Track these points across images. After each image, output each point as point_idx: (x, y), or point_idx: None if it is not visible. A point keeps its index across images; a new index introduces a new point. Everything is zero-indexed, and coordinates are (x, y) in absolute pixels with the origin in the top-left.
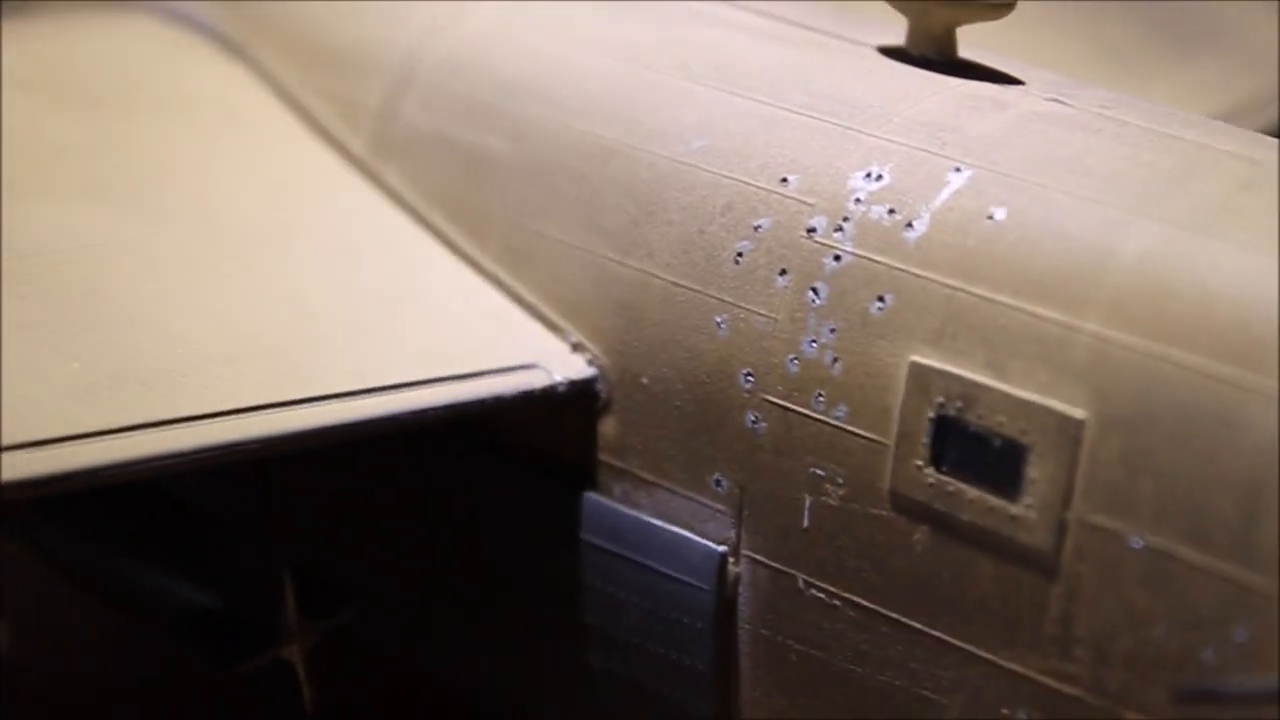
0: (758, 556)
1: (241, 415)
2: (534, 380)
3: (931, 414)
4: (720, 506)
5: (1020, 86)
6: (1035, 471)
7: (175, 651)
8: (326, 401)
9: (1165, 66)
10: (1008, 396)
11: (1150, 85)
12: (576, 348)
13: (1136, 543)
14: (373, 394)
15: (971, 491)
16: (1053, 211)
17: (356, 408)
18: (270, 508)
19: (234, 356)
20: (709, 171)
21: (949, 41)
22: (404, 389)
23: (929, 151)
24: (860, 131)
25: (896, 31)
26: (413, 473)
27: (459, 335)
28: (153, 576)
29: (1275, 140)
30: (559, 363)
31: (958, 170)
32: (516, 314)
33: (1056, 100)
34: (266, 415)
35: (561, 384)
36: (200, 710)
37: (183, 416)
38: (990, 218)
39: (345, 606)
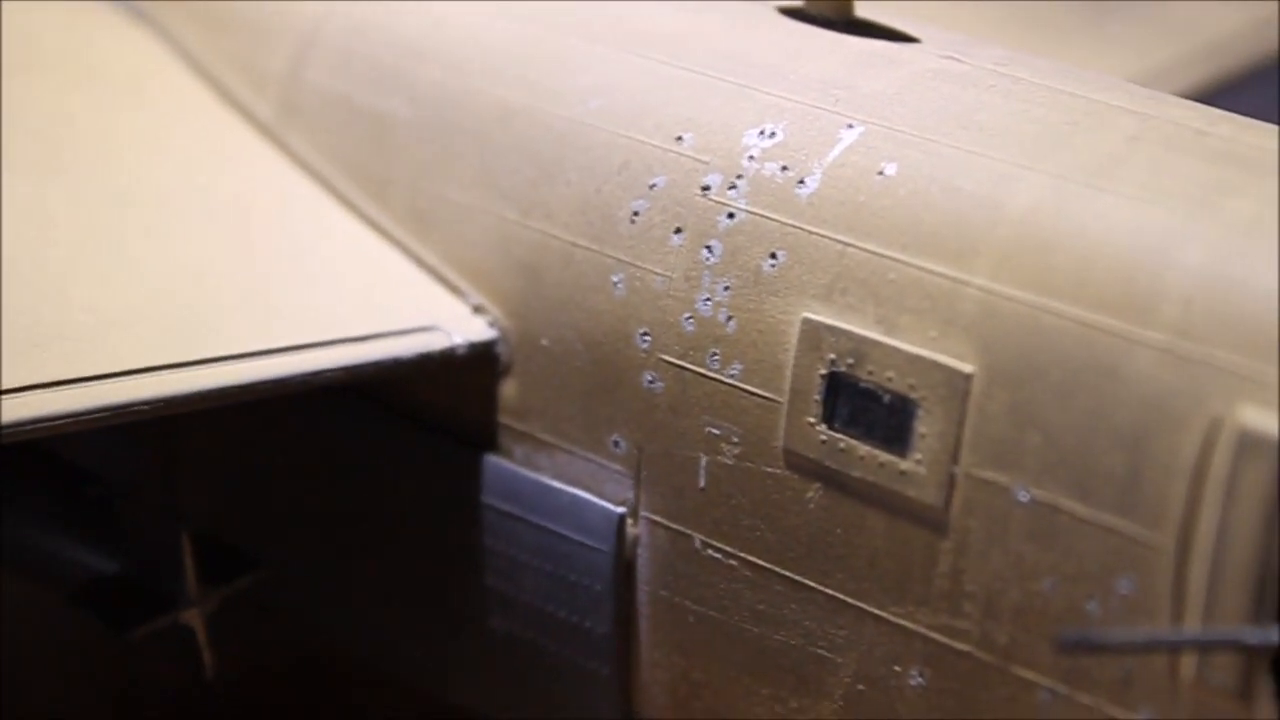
0: (655, 517)
1: (138, 376)
2: (433, 342)
3: (823, 371)
4: (618, 467)
5: (916, 45)
6: (924, 427)
7: (75, 617)
8: (223, 363)
9: (1082, 29)
10: (897, 352)
11: (1066, 49)
12: (477, 310)
13: (1023, 496)
14: (270, 355)
15: (862, 448)
16: (942, 166)
17: (253, 368)
18: (171, 472)
19: (132, 320)
20: (606, 131)
21: (847, 2)
22: (302, 350)
23: (822, 109)
24: (756, 90)
25: None
26: (314, 436)
27: (359, 298)
28: (51, 542)
29: (1167, 95)
30: (459, 325)
31: (850, 127)
32: (418, 276)
33: (951, 58)
34: (162, 375)
35: (461, 346)
36: (100, 675)
37: (79, 377)
38: (881, 173)
39: (246, 571)
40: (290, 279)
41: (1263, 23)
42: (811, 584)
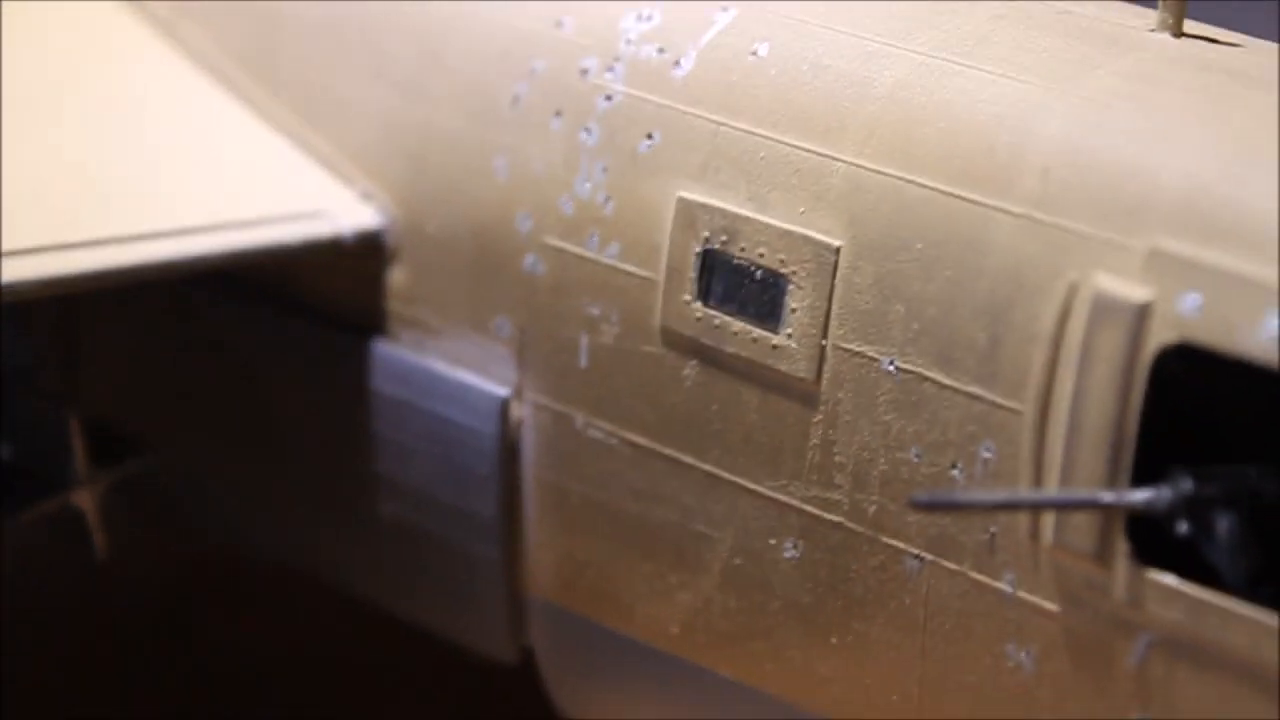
0: (539, 399)
1: (19, 257)
2: (320, 229)
3: (698, 248)
4: (503, 350)
5: None
6: (795, 301)
7: None
8: (105, 245)
9: None
10: (768, 227)
11: None
12: (365, 197)
13: (890, 367)
14: (155, 239)
15: (736, 324)
16: (813, 46)
17: (138, 251)
18: (64, 359)
19: (16, 206)
20: (488, 17)
21: None
22: (187, 235)
23: None
24: None
25: None
26: (203, 324)
27: (247, 186)
28: None
29: None
30: (347, 212)
31: (725, 10)
32: (305, 164)
33: None
34: (44, 257)
35: (348, 233)
36: None
37: None
38: (754, 54)
39: (135, 455)
40: (178, 167)
41: None
42: (689, 461)
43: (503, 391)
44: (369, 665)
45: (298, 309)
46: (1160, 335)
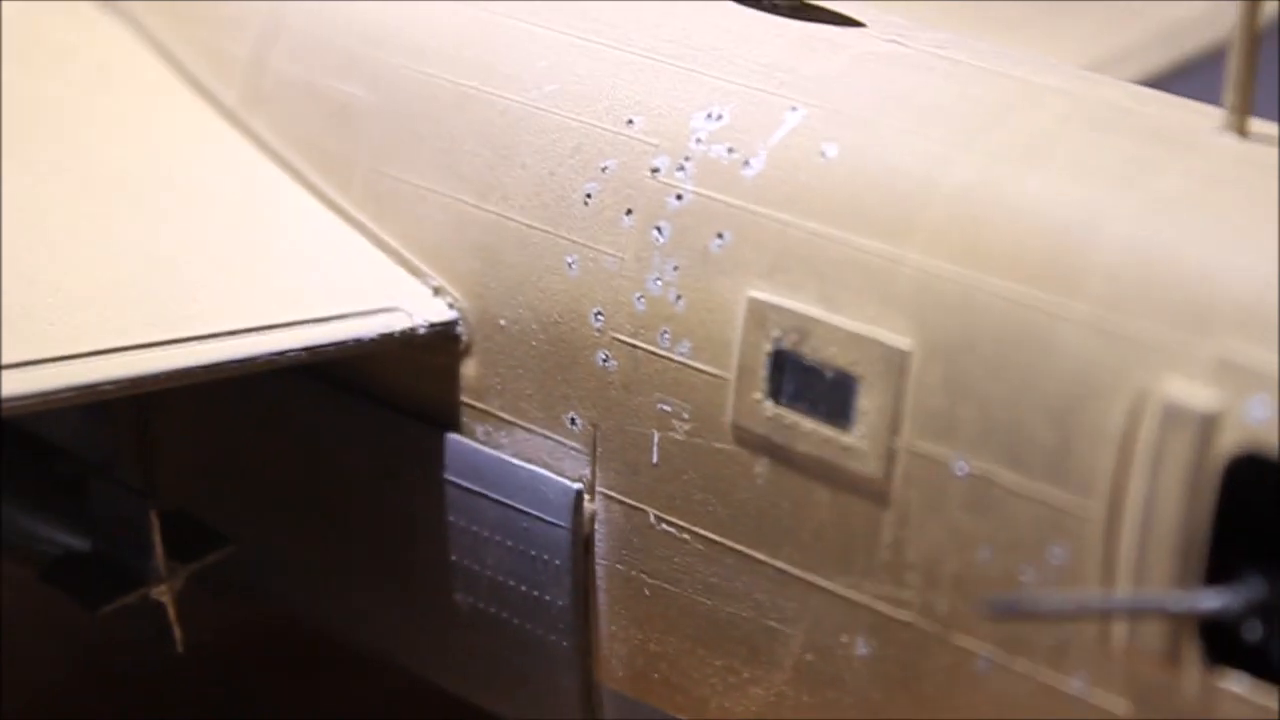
0: (611, 493)
1: (104, 356)
2: (394, 323)
3: (769, 348)
4: (575, 444)
5: (860, 29)
6: (865, 401)
7: (49, 594)
8: (188, 343)
9: (1036, 17)
10: (838, 329)
11: (1018, 38)
12: (438, 291)
13: (961, 468)
14: (235, 336)
15: (807, 423)
16: (880, 146)
17: (218, 349)
18: (143, 451)
19: (100, 301)
20: (559, 115)
21: None
22: (266, 331)
23: (767, 92)
24: (703, 73)
25: None
26: (281, 417)
27: (321, 280)
28: (25, 520)
29: (1101, 76)
30: (420, 305)
31: (794, 109)
32: (379, 258)
33: (893, 41)
34: (128, 356)
35: (421, 326)
36: (73, 652)
37: (47, 357)
38: (822, 154)
39: (214, 548)
40: (254, 261)
41: (1216, 8)
42: (761, 557)
43: (575, 484)
44: None
45: (374, 401)
46: (1229, 442)
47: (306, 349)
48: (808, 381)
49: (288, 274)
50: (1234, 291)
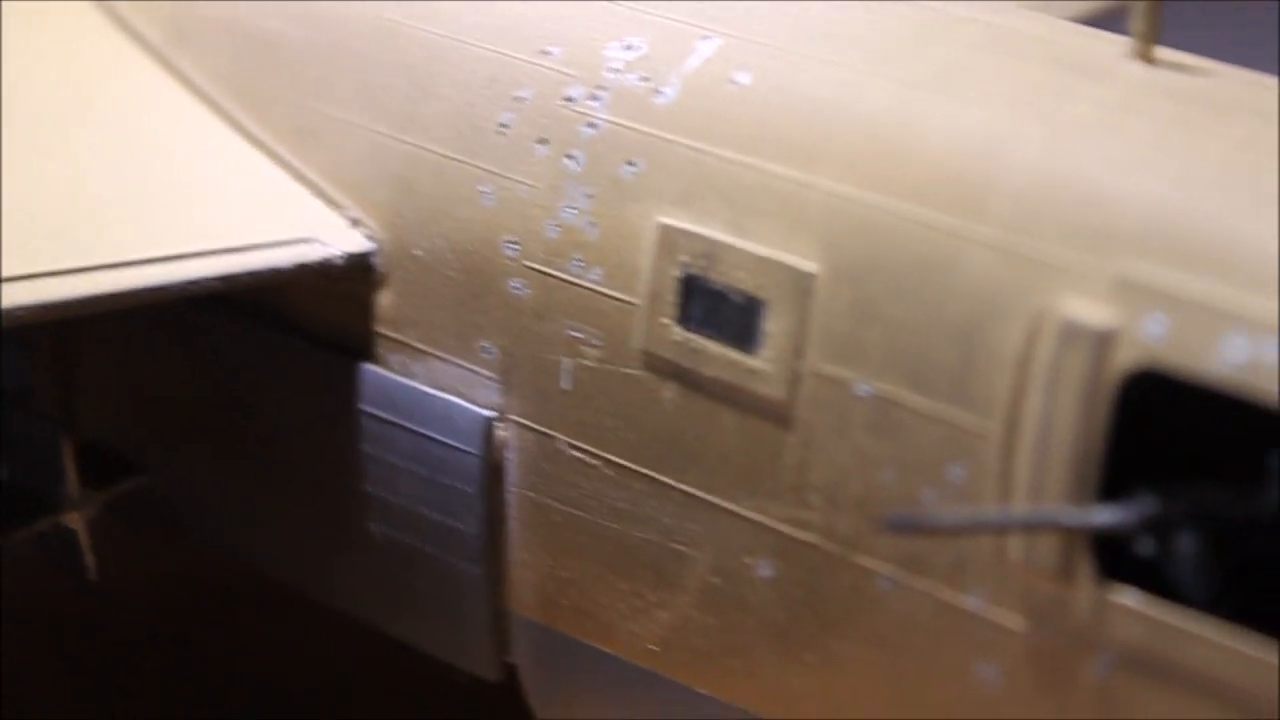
0: (523, 420)
1: (15, 283)
2: (310, 253)
3: (678, 273)
4: (488, 373)
5: None
6: (771, 325)
7: None
8: (99, 271)
9: None
10: (746, 253)
11: None
12: (355, 223)
13: (864, 390)
14: (149, 264)
15: (715, 347)
16: (792, 75)
17: (131, 276)
18: (59, 380)
19: (12, 229)
20: (477, 46)
21: None
22: (180, 260)
23: (682, 22)
24: (619, 5)
25: None
26: (198, 347)
27: (240, 212)
28: None
29: (1016, 6)
30: (336, 236)
31: (707, 39)
32: (298, 191)
33: None
34: (40, 283)
35: (337, 257)
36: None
37: None
38: (735, 82)
39: (128, 476)
40: (171, 194)
41: None
42: (668, 481)
43: (487, 412)
44: (360, 680)
45: (290, 332)
46: (1125, 359)
47: (220, 278)
48: (716, 306)
49: (205, 206)
50: (1133, 213)
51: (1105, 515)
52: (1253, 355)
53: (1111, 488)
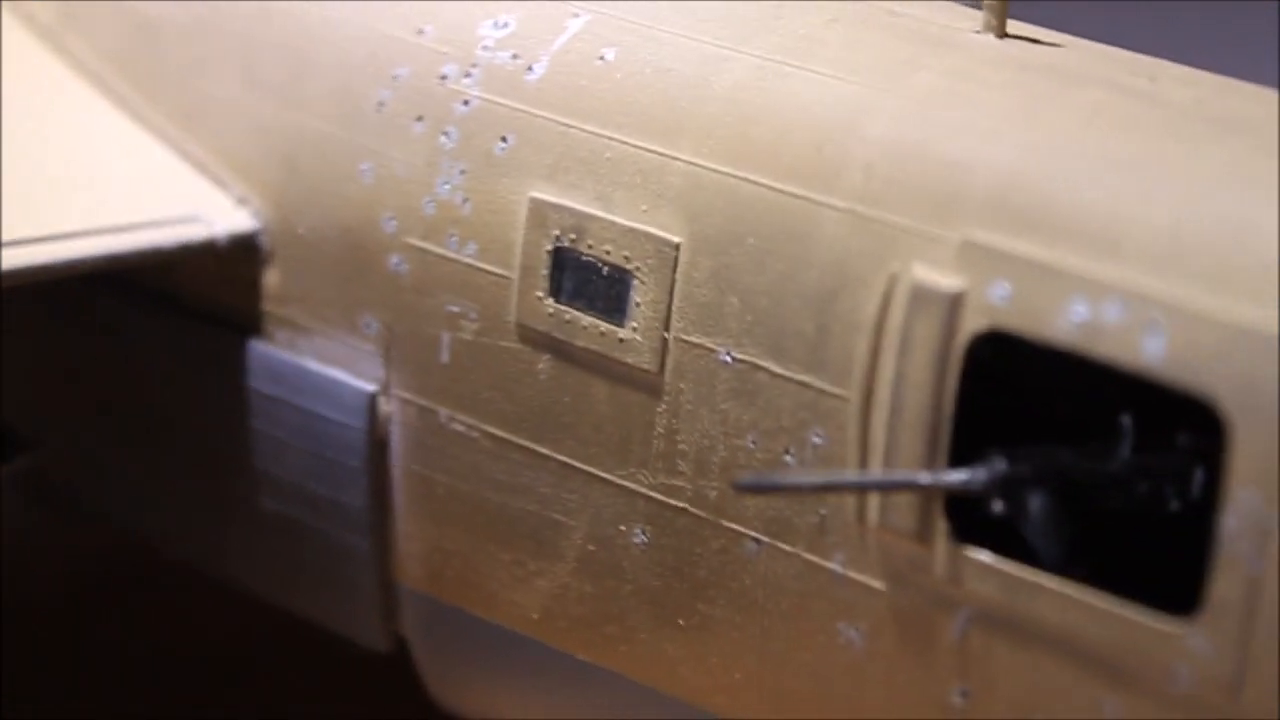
0: (405, 394)
1: None
2: (195, 232)
3: (549, 246)
4: (370, 348)
5: None
6: (639, 295)
7: None
8: None
9: None
10: (613, 225)
11: None
12: (241, 201)
13: (726, 357)
14: (33, 244)
15: (585, 318)
16: (656, 50)
17: (13, 255)
18: None
19: None
20: (355, 24)
21: None
22: (63, 239)
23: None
24: None
25: None
26: (89, 323)
27: (125, 192)
28: None
29: None
30: (221, 216)
31: (576, 16)
32: (184, 171)
33: None
34: None
35: (222, 236)
36: None
37: None
38: (601, 58)
39: (23, 452)
40: (57, 174)
41: None
42: (545, 451)
43: (370, 387)
44: (256, 653)
45: (178, 310)
46: (973, 323)
47: (105, 257)
48: (586, 278)
49: (91, 186)
50: (982, 182)
51: (956, 476)
52: (1094, 317)
53: (965, 451)
